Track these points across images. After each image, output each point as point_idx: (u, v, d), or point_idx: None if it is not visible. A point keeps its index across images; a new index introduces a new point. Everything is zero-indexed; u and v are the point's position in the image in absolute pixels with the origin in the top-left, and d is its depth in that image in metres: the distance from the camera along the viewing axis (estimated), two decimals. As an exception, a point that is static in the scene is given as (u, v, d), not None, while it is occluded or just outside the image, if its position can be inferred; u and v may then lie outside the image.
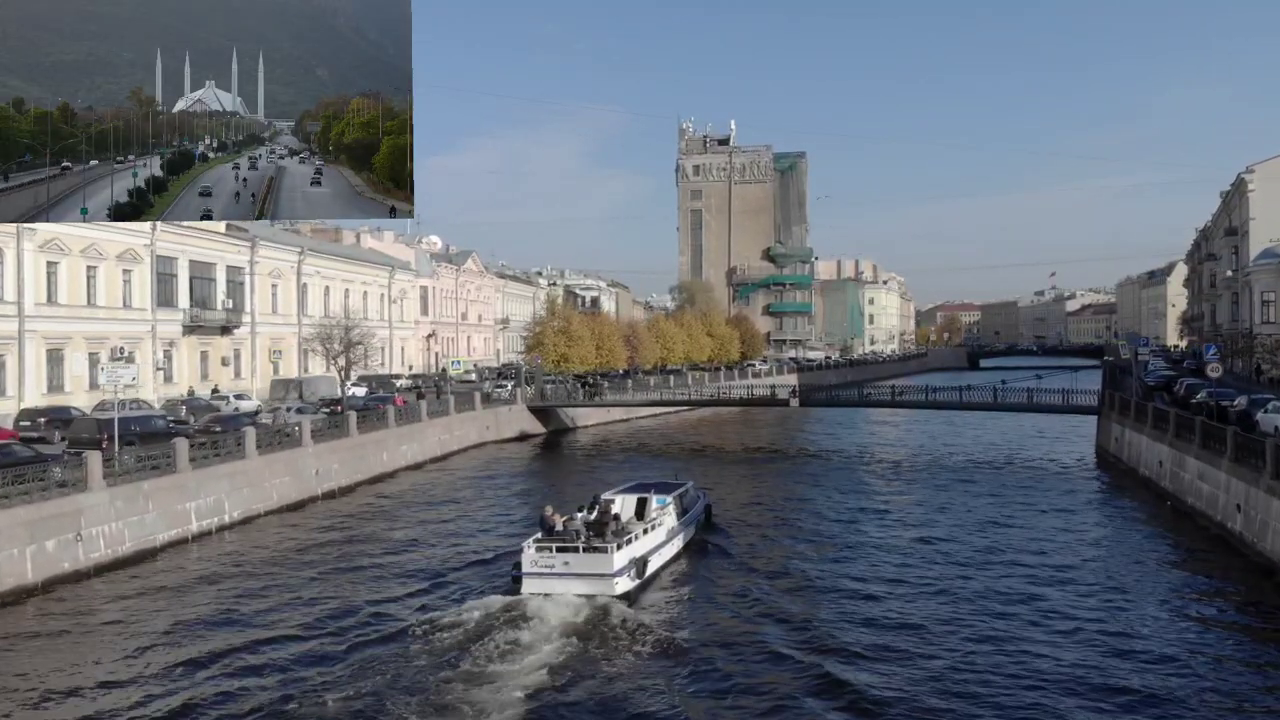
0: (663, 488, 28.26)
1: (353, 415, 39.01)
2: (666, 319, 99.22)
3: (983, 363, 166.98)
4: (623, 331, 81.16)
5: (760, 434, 61.82)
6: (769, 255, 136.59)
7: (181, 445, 28.20)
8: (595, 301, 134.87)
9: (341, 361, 46.08)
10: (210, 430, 35.14)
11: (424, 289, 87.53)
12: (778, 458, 51.09)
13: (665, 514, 25.70)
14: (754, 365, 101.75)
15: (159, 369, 51.72)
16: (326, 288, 69.49)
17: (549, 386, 61.93)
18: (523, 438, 55.63)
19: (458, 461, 46.11)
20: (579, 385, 64.54)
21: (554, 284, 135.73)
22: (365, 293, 76.29)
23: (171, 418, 43.07)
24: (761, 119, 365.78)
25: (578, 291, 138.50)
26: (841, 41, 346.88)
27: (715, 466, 45.28)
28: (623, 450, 53.14)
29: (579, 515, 23.91)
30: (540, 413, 58.35)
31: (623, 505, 25.79)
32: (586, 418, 63.11)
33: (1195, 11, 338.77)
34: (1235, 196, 79.65)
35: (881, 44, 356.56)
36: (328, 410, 43.29)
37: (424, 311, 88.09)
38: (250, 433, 31.62)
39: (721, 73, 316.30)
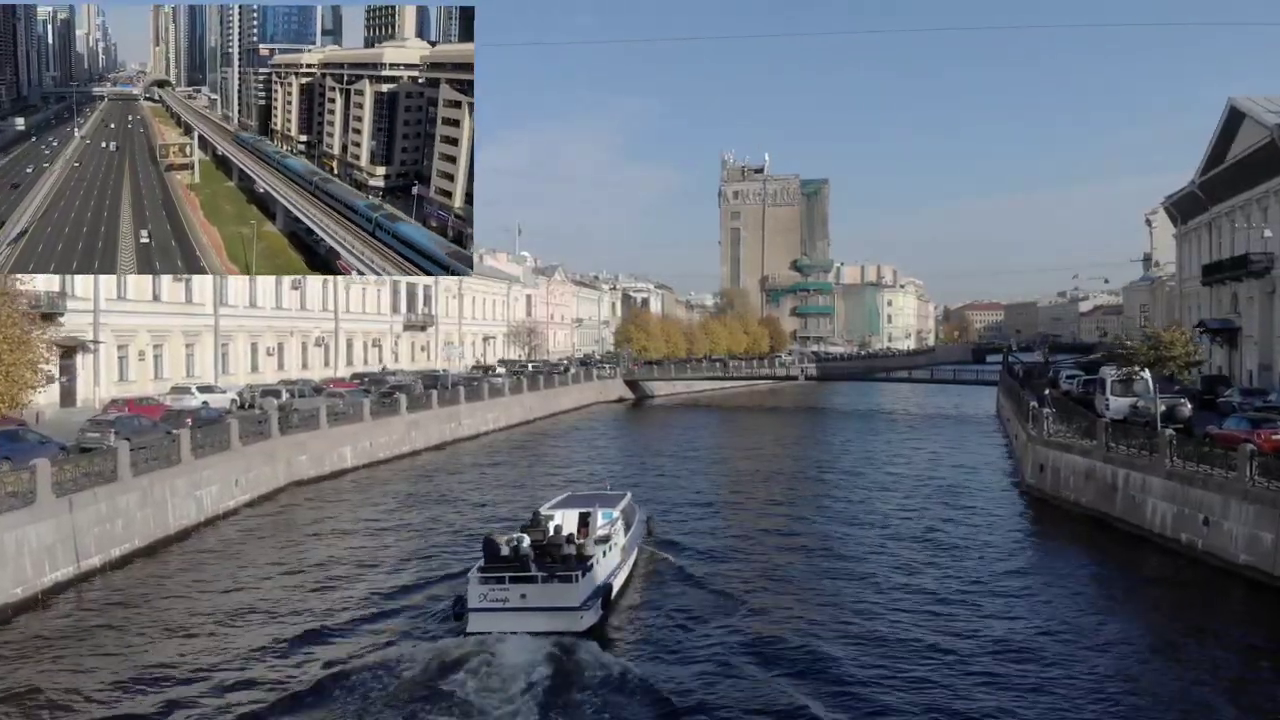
0: (605, 500, 24.82)
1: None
2: (714, 319, 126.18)
3: (988, 358, 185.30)
4: (682, 329, 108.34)
5: (781, 399, 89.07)
6: (796, 266, 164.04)
7: None
8: (645, 302, 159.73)
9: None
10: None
11: (528, 297, 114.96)
12: (791, 415, 77.67)
13: (615, 531, 22.28)
14: (780, 357, 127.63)
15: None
16: (473, 299, 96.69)
17: (635, 367, 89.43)
18: (621, 400, 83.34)
19: (574, 417, 71.83)
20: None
21: (613, 288, 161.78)
22: (494, 301, 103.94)
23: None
24: (788, 124, 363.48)
25: (631, 294, 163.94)
26: (853, 40, 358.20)
27: (747, 416, 71.60)
28: (684, 406, 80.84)
29: (525, 538, 20.22)
30: (631, 384, 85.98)
31: (564, 520, 22.46)
32: (659, 389, 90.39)
33: (1212, 12, 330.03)
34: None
35: (891, 46, 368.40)
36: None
37: (527, 313, 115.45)
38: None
39: (750, 65, 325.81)
